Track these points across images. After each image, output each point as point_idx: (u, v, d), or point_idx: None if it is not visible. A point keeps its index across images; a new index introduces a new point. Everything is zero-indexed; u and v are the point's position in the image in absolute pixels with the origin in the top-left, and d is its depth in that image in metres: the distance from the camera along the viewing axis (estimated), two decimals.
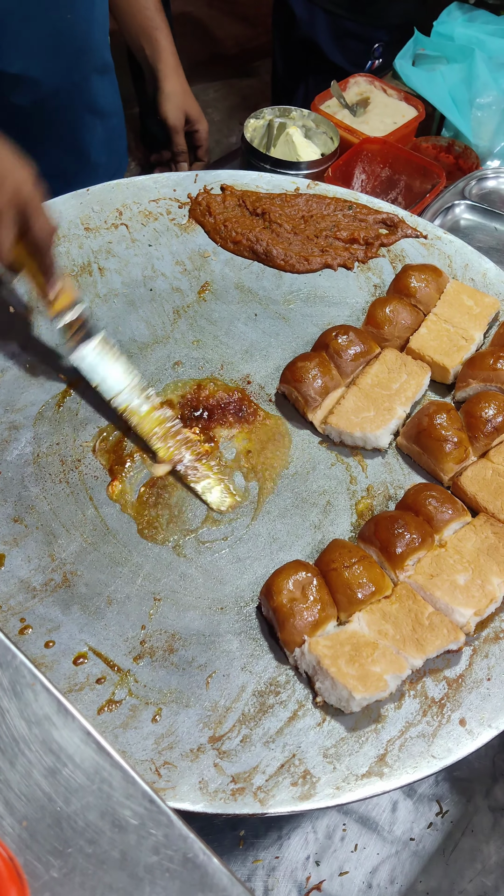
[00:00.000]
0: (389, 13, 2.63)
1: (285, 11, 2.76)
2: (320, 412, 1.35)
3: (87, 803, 0.67)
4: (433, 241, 1.62)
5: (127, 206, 1.63)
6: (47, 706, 0.71)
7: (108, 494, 1.24)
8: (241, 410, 1.36)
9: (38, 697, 0.72)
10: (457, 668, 1.10)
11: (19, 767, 0.68)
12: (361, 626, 1.09)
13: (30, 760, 0.69)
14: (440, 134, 2.17)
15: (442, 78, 2.12)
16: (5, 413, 1.31)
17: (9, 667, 0.73)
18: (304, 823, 1.24)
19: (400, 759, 1.01)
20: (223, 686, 1.07)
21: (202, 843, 0.65)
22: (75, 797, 0.67)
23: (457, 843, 1.24)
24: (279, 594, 1.09)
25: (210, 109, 4.43)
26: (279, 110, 1.94)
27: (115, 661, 1.08)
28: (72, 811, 0.67)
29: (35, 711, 0.71)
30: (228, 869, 0.65)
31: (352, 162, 1.90)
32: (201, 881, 0.64)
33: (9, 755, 0.68)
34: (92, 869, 0.64)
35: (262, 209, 1.62)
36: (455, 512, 1.20)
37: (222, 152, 4.01)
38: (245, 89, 4.62)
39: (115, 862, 0.65)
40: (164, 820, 0.67)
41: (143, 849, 0.65)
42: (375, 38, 2.66)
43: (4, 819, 0.66)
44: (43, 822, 0.66)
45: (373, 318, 1.43)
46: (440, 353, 1.39)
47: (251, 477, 1.28)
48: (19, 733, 0.70)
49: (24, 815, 0.66)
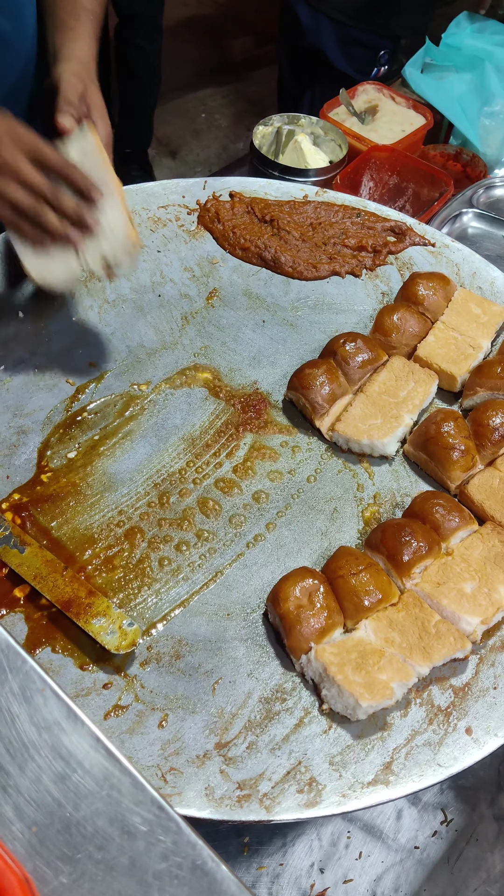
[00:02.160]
0: (395, 22, 2.64)
1: (291, 19, 2.77)
2: (328, 419, 1.35)
3: (96, 809, 0.67)
4: (441, 249, 1.62)
5: (136, 212, 1.63)
6: (57, 712, 0.71)
7: None
8: (249, 417, 1.36)
9: (47, 703, 0.72)
10: (463, 676, 1.10)
11: (29, 773, 0.68)
12: (368, 634, 1.09)
13: (39, 766, 0.69)
14: (448, 142, 2.18)
15: (451, 86, 2.13)
16: (14, 418, 1.32)
17: (19, 672, 0.73)
18: (309, 830, 1.24)
19: (406, 768, 1.01)
20: (229, 692, 1.07)
21: (211, 850, 0.65)
22: (84, 803, 0.67)
23: (461, 851, 1.24)
24: (286, 601, 1.09)
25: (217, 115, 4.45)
26: (288, 117, 1.95)
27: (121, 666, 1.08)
28: (81, 817, 0.67)
29: (45, 717, 0.71)
30: (237, 876, 0.65)
31: (360, 169, 1.91)
32: (210, 888, 0.64)
33: (19, 760, 0.68)
34: (101, 875, 0.64)
35: (271, 216, 1.63)
36: (462, 520, 1.20)
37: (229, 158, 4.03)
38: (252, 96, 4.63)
39: (124, 868, 0.65)
40: (172, 827, 0.67)
41: (152, 855, 0.65)
42: (381, 46, 2.67)
43: (14, 824, 0.66)
44: (52, 827, 0.66)
45: (380, 326, 1.44)
46: (448, 361, 1.39)
47: (258, 483, 1.28)
48: (29, 738, 0.70)
49: (33, 820, 0.66)
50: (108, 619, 1.08)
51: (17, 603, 1.12)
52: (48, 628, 1.10)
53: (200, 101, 4.59)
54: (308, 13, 2.68)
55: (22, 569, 1.13)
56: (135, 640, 1.07)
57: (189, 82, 4.56)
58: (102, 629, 1.07)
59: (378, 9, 2.56)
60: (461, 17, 2.36)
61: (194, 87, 4.60)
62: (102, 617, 1.09)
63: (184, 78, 4.45)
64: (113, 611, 1.09)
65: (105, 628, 1.07)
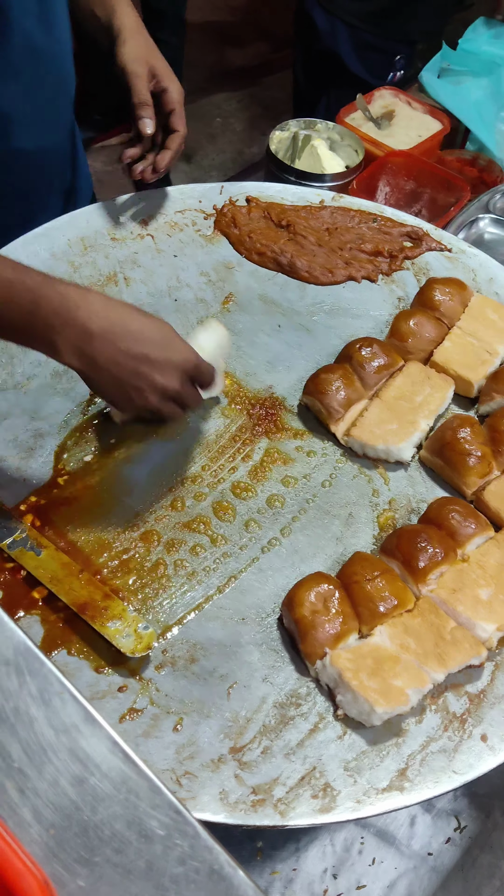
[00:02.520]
0: (411, 27, 2.64)
1: (307, 23, 2.78)
2: (343, 424, 1.35)
3: (113, 812, 0.67)
4: (457, 254, 1.62)
5: (153, 216, 1.64)
6: (75, 714, 0.72)
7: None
8: (264, 421, 1.36)
9: (65, 706, 0.72)
10: (479, 683, 1.09)
11: (47, 775, 0.69)
12: (383, 640, 1.09)
13: (57, 768, 0.69)
14: (465, 147, 2.18)
15: (468, 92, 2.13)
16: (31, 421, 1.33)
17: (37, 675, 0.73)
18: (322, 836, 1.24)
19: (421, 774, 1.00)
20: (244, 697, 1.07)
21: (228, 854, 0.66)
22: (102, 806, 0.68)
23: (475, 859, 1.23)
24: (301, 606, 1.09)
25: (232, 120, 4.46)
26: (304, 123, 1.95)
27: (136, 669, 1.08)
28: (98, 820, 0.67)
29: (63, 720, 0.71)
30: (253, 881, 0.65)
31: (376, 175, 1.91)
32: (226, 893, 0.64)
33: (37, 763, 0.69)
34: (118, 878, 0.64)
35: (287, 221, 1.63)
36: (478, 526, 1.19)
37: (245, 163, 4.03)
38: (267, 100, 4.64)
39: (141, 872, 0.65)
40: (190, 831, 0.67)
41: (169, 859, 0.65)
42: (397, 51, 2.67)
43: (32, 827, 0.66)
44: (70, 830, 0.66)
45: (397, 331, 1.44)
46: (464, 366, 1.39)
47: (273, 487, 1.29)
48: (47, 741, 0.70)
49: (51, 823, 0.67)
50: (123, 622, 1.09)
51: (34, 605, 1.13)
52: (64, 631, 1.11)
53: (216, 106, 4.60)
54: (324, 18, 2.69)
55: (38, 571, 1.13)
56: (150, 643, 1.07)
57: (204, 87, 4.57)
58: (118, 632, 1.08)
59: (394, 14, 2.56)
60: (478, 22, 2.36)
61: (209, 91, 4.61)
62: (118, 620, 1.09)
63: (199, 82, 4.46)
64: (128, 614, 1.10)
65: (120, 631, 1.08)
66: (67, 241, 1.57)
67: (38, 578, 1.13)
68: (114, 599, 1.11)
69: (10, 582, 1.14)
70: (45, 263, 1.52)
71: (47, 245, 1.55)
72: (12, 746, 0.70)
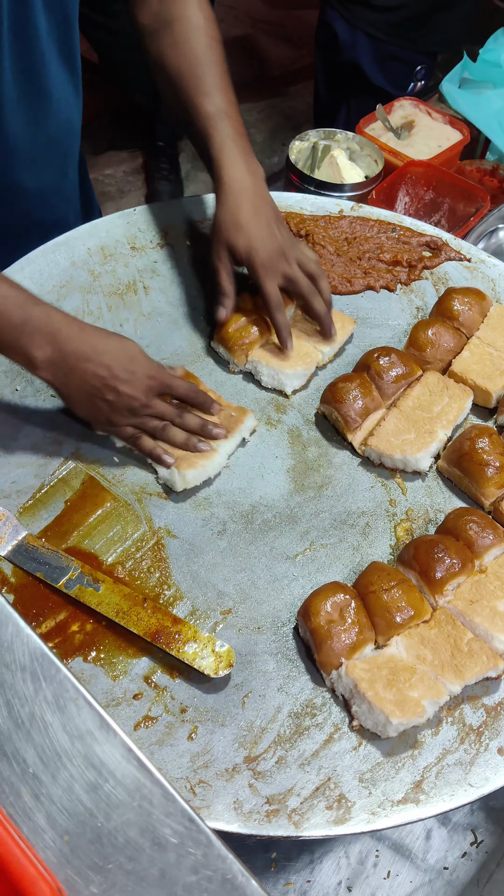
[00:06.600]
0: (432, 38, 2.64)
1: (328, 34, 2.79)
2: (360, 433, 1.35)
3: (127, 819, 0.67)
4: (477, 264, 1.62)
5: (172, 226, 1.65)
6: (90, 721, 0.72)
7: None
8: None
9: (80, 712, 0.72)
10: (496, 695, 1.08)
11: (61, 782, 0.69)
12: (399, 651, 1.08)
13: (72, 775, 0.69)
14: (485, 158, 2.17)
15: (488, 102, 2.12)
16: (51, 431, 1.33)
17: (53, 680, 0.74)
18: (337, 848, 1.23)
19: (436, 787, 1.00)
20: (259, 706, 1.07)
21: (241, 864, 0.65)
22: (116, 813, 0.68)
23: (491, 874, 1.22)
24: (317, 615, 1.09)
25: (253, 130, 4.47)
26: (324, 133, 1.96)
27: (151, 677, 1.08)
28: (112, 827, 0.67)
29: (78, 726, 0.72)
30: (266, 892, 0.65)
31: (396, 185, 1.91)
32: None
33: (52, 769, 0.69)
34: (131, 886, 0.64)
35: (306, 231, 1.63)
36: (496, 537, 1.19)
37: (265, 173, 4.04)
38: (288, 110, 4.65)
39: (154, 880, 0.65)
40: (203, 839, 0.67)
41: (182, 868, 0.65)
42: (418, 62, 2.68)
43: (46, 833, 0.66)
44: (84, 837, 0.67)
45: (415, 341, 1.43)
46: (483, 376, 1.39)
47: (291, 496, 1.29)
48: (62, 747, 0.70)
49: (65, 829, 0.67)
50: (199, 643, 1.08)
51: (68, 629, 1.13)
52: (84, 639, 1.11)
53: None
54: (345, 29, 2.70)
55: (102, 607, 1.12)
56: (231, 660, 1.07)
57: None
58: (196, 655, 1.07)
59: (416, 25, 2.57)
60: (499, 32, 2.35)
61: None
62: (193, 642, 1.09)
63: None
64: (201, 634, 1.09)
65: (198, 654, 1.07)
66: (87, 250, 1.58)
67: (104, 614, 1.11)
68: (184, 623, 1.10)
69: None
70: (66, 272, 1.53)
71: (67, 254, 1.56)
72: (27, 752, 0.70)
